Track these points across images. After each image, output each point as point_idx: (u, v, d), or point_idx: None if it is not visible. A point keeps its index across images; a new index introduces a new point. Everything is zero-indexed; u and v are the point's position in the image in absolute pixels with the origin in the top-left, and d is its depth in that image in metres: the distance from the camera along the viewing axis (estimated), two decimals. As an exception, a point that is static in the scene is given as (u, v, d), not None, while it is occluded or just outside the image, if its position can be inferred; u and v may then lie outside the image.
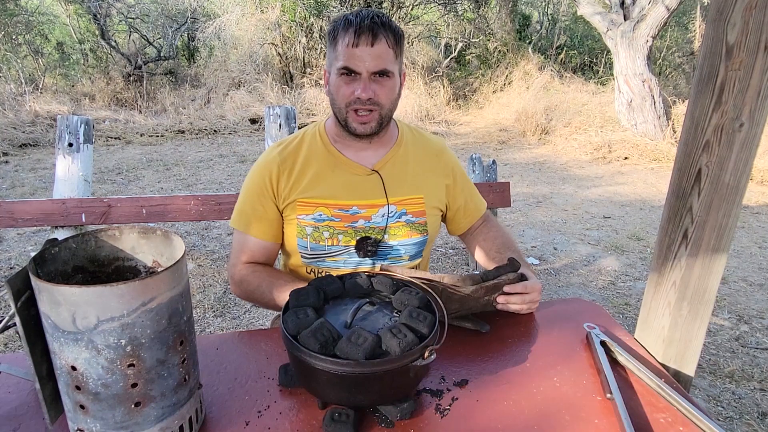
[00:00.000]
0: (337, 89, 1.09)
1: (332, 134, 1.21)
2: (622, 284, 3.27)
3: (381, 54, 1.05)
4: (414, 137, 1.28)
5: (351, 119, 1.10)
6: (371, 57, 1.04)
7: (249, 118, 8.19)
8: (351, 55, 1.04)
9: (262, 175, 1.18)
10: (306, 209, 1.16)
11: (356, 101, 1.07)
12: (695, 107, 0.94)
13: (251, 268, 1.20)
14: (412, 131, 1.29)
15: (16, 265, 3.30)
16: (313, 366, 0.74)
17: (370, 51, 1.04)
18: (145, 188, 5.14)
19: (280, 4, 9.32)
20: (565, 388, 0.89)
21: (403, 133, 1.26)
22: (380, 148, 1.21)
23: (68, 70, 10.47)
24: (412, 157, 1.23)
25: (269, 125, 3.00)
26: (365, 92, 1.06)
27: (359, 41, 1.03)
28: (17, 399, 0.85)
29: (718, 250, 0.96)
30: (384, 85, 1.08)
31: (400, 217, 1.19)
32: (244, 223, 1.19)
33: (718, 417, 2.03)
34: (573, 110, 7.96)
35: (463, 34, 11.21)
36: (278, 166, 1.17)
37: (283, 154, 1.19)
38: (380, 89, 1.08)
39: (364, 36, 1.03)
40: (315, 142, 1.21)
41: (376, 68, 1.05)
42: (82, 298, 0.60)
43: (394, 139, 1.24)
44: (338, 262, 1.19)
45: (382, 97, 1.08)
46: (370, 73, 1.05)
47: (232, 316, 2.77)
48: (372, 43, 1.03)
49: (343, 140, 1.19)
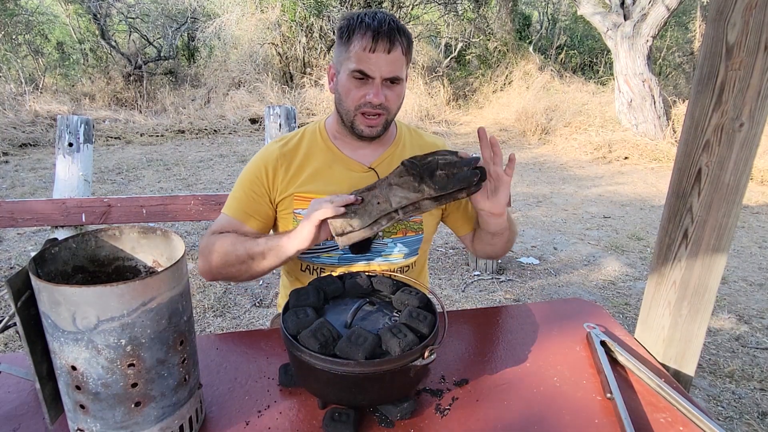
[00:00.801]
0: (347, 90, 1.09)
1: (332, 131, 1.22)
2: (622, 284, 3.27)
3: (395, 61, 1.05)
4: (412, 137, 1.29)
5: (359, 121, 1.11)
6: (386, 63, 1.05)
7: (249, 118, 8.19)
8: (366, 59, 1.04)
9: (259, 167, 1.18)
10: (302, 203, 1.17)
11: (367, 105, 1.08)
12: (695, 107, 0.94)
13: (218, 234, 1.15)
14: (411, 131, 1.30)
15: (16, 265, 3.30)
16: (313, 366, 0.74)
17: (385, 58, 1.04)
18: (145, 188, 5.14)
19: (280, 4, 9.32)
20: (565, 388, 0.89)
21: (401, 132, 1.27)
22: (379, 146, 1.22)
23: (68, 70, 10.47)
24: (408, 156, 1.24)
25: (269, 125, 3.00)
26: (377, 97, 1.07)
27: (377, 47, 1.03)
28: (17, 399, 0.85)
29: (718, 249, 0.96)
30: (394, 90, 1.09)
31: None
32: (233, 207, 1.18)
33: (718, 417, 2.04)
34: (573, 110, 7.96)
35: (463, 34, 11.21)
36: (277, 160, 1.18)
37: (284, 149, 1.20)
38: (391, 94, 1.09)
39: (382, 42, 1.03)
40: (315, 138, 1.22)
41: (390, 74, 1.06)
42: (82, 298, 0.60)
43: (392, 138, 1.25)
44: (333, 258, 1.19)
45: (391, 102, 1.10)
46: (383, 78, 1.06)
47: (232, 316, 2.77)
48: (389, 50, 1.04)
49: (342, 138, 1.20)
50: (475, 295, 3.07)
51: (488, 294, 3.10)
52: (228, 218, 1.18)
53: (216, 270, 1.11)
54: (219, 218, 1.20)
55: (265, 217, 1.20)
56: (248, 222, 1.17)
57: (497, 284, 3.23)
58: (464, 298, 3.04)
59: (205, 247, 1.13)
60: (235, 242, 1.08)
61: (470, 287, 3.19)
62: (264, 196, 1.18)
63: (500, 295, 3.08)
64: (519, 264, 3.55)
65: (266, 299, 2.95)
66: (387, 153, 1.22)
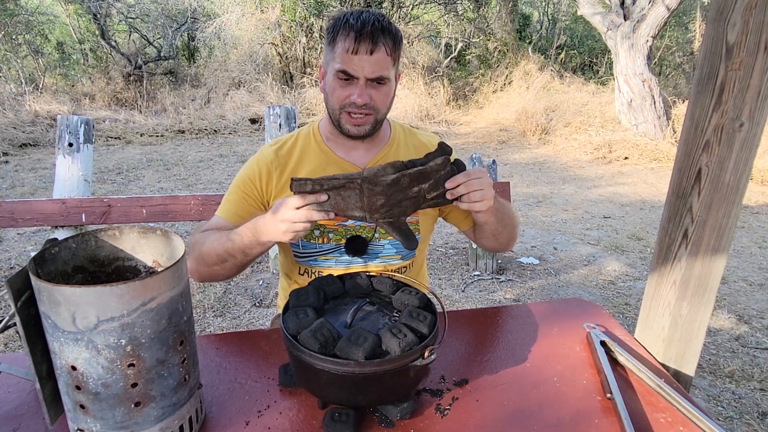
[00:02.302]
0: (332, 90, 1.10)
1: (325, 133, 1.22)
2: (622, 284, 3.27)
3: (379, 61, 1.05)
4: (406, 137, 1.28)
5: (344, 120, 1.11)
6: (369, 64, 1.04)
7: (249, 118, 8.19)
8: (349, 60, 1.04)
9: (253, 170, 1.18)
10: None
11: (351, 105, 1.08)
12: (695, 107, 0.94)
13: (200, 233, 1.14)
14: (405, 130, 1.30)
15: (16, 265, 3.30)
16: (313, 366, 0.74)
17: (368, 59, 1.04)
18: (145, 188, 5.14)
19: (280, 4, 9.32)
20: (565, 388, 0.89)
21: (395, 133, 1.26)
22: (373, 147, 1.22)
23: (68, 70, 10.47)
24: (403, 157, 1.23)
25: (269, 125, 3.00)
26: (361, 98, 1.06)
27: (359, 48, 1.03)
28: (17, 399, 0.85)
29: (718, 249, 0.96)
30: (380, 90, 1.09)
31: None
32: (225, 209, 1.18)
33: (718, 417, 2.03)
34: (573, 110, 7.96)
35: (463, 34, 11.21)
36: (272, 163, 1.18)
37: (279, 152, 1.20)
38: (376, 94, 1.08)
39: (364, 43, 1.03)
40: (308, 140, 1.22)
41: (373, 75, 1.06)
42: (82, 298, 0.60)
43: (387, 138, 1.24)
44: (329, 261, 1.19)
45: (377, 102, 1.09)
46: (367, 79, 1.06)
47: (232, 316, 2.77)
48: (371, 51, 1.03)
49: (335, 139, 1.20)
50: (475, 295, 3.07)
51: (488, 294, 3.10)
52: (219, 219, 1.18)
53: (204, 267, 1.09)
54: (211, 219, 1.20)
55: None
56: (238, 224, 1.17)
57: (497, 284, 3.23)
58: (464, 298, 3.04)
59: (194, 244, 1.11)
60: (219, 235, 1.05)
61: (470, 287, 3.19)
62: (256, 198, 1.18)
63: (500, 295, 3.08)
64: (519, 264, 3.55)
65: (266, 299, 2.95)
66: (381, 153, 1.22)
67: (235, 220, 1.16)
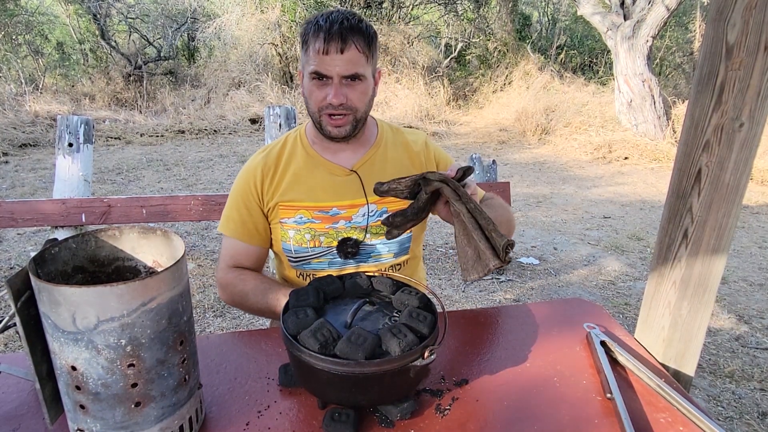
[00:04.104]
0: (309, 93, 1.10)
1: (311, 136, 1.22)
2: (622, 284, 3.27)
3: (351, 59, 1.05)
4: (394, 136, 1.27)
5: (325, 122, 1.11)
6: (341, 62, 1.04)
7: (249, 118, 8.19)
8: (321, 61, 1.04)
9: (246, 180, 1.19)
10: (287, 212, 1.17)
11: (328, 106, 1.08)
12: (695, 107, 0.94)
13: (237, 272, 1.19)
14: (393, 129, 1.29)
15: (16, 265, 3.30)
16: (313, 366, 0.74)
17: (340, 57, 1.04)
18: (145, 188, 5.14)
19: (280, 4, 9.32)
20: (565, 388, 0.89)
21: (382, 132, 1.26)
22: (359, 148, 1.21)
23: (68, 70, 10.48)
24: (391, 156, 1.23)
25: (269, 125, 3.00)
26: (336, 98, 1.06)
27: (329, 48, 1.03)
28: (17, 399, 0.85)
29: (718, 249, 0.96)
30: (356, 88, 1.08)
31: (381, 216, 1.19)
32: (231, 228, 1.20)
33: (718, 417, 2.03)
34: (573, 110, 7.97)
35: (463, 34, 11.21)
36: (261, 171, 1.18)
37: (267, 159, 1.20)
38: (352, 93, 1.08)
39: (334, 43, 1.03)
40: (295, 144, 1.21)
41: (347, 72, 1.05)
42: (82, 298, 0.60)
43: (373, 139, 1.24)
44: (323, 263, 1.20)
45: (354, 100, 1.09)
46: (341, 77, 1.06)
47: (232, 316, 2.77)
48: (341, 50, 1.03)
49: (321, 142, 1.19)
50: (475, 296, 3.07)
51: (488, 294, 3.10)
52: (232, 241, 1.20)
53: (234, 305, 1.21)
54: (224, 243, 1.22)
55: (264, 230, 1.21)
56: (252, 241, 1.20)
57: (497, 284, 3.23)
58: (464, 298, 3.04)
59: (228, 285, 1.18)
60: (252, 292, 1.14)
61: (470, 287, 3.19)
62: (257, 209, 1.19)
63: (500, 296, 3.08)
64: (519, 264, 3.56)
65: (266, 299, 2.95)
66: (368, 154, 1.21)
67: (247, 239, 1.19)
